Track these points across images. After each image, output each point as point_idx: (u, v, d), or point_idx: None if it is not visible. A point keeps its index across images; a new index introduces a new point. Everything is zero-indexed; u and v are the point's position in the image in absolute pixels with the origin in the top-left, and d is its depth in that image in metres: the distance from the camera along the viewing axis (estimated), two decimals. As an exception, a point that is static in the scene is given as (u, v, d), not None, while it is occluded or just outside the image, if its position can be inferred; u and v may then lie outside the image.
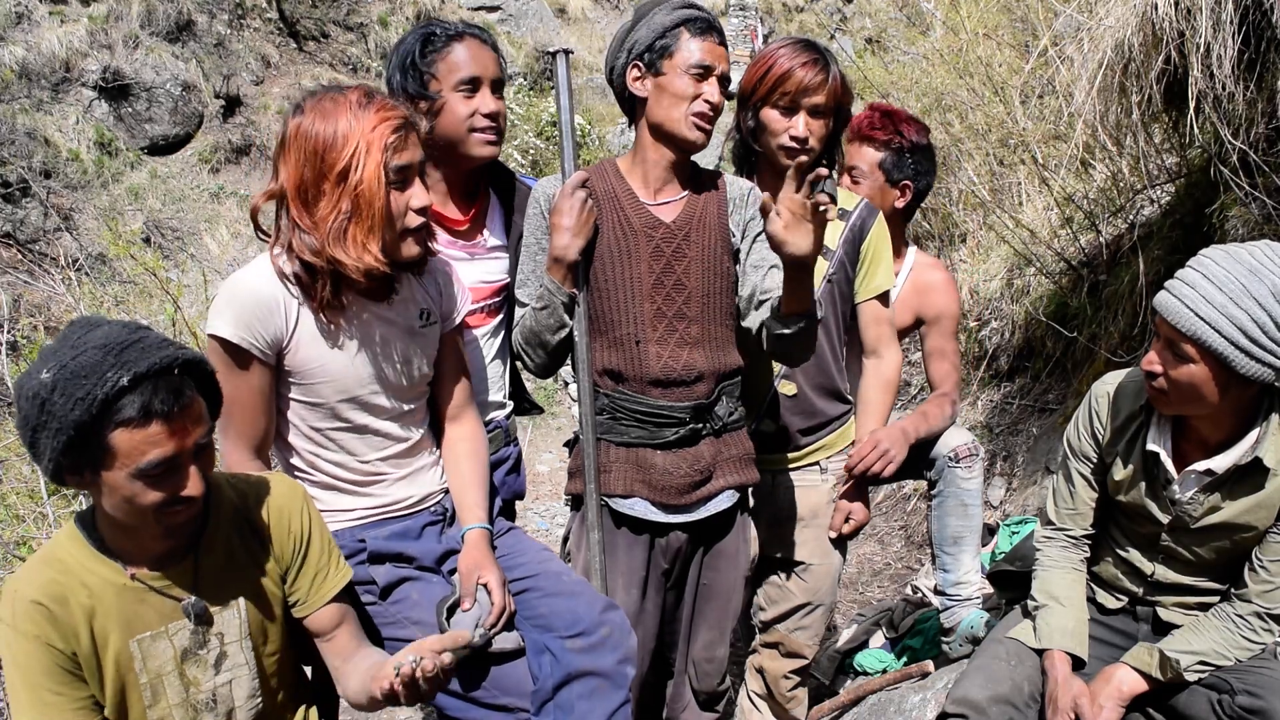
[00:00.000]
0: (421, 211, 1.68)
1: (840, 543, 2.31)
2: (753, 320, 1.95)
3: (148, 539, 1.42)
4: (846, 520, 2.25)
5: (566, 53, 1.99)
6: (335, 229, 1.61)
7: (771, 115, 2.05)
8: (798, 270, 1.70)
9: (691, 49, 1.86)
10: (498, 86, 1.97)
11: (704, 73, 1.86)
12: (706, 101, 1.86)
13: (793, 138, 2.04)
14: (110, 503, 1.34)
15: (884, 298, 2.25)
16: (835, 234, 2.17)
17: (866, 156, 2.42)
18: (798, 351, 1.88)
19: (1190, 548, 1.81)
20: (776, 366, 2.20)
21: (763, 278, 1.94)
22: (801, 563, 2.28)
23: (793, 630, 2.33)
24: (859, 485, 2.25)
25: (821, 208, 1.57)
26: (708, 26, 1.88)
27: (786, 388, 2.21)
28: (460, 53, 1.91)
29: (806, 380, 2.20)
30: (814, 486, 2.27)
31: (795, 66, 2.01)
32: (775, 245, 1.64)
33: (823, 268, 2.16)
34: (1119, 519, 1.92)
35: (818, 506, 2.26)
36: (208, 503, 1.52)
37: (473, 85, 1.92)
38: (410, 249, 1.69)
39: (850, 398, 2.31)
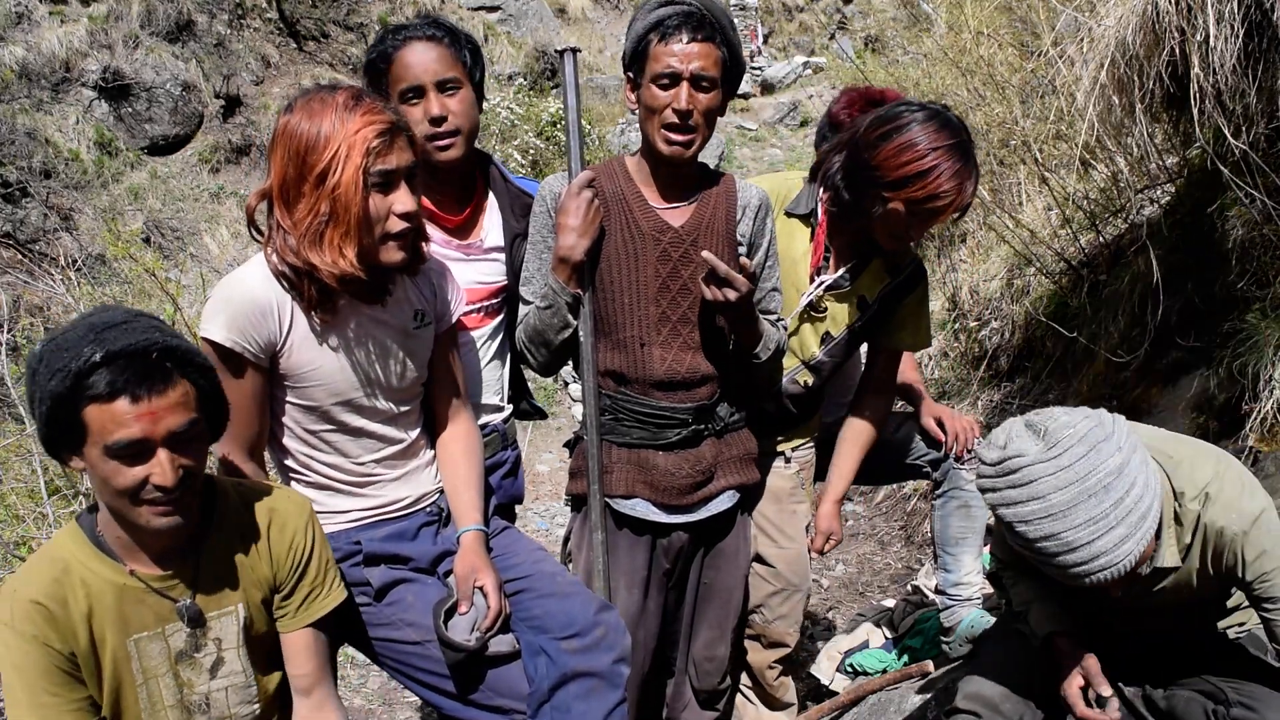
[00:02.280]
0: (406, 216, 1.62)
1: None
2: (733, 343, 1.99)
3: (144, 534, 1.41)
4: (826, 540, 2.32)
5: (574, 51, 1.96)
6: (312, 232, 1.58)
7: (898, 215, 1.95)
8: (730, 320, 1.88)
9: (656, 57, 1.78)
10: (446, 85, 1.89)
11: (670, 80, 1.78)
12: (674, 111, 1.78)
13: (906, 239, 2.05)
14: (95, 485, 1.36)
15: (898, 354, 2.31)
16: (878, 289, 2.17)
17: None
18: (762, 372, 2.04)
19: (1149, 618, 1.77)
20: (789, 361, 2.20)
21: (759, 300, 1.96)
22: (772, 541, 2.31)
23: (772, 620, 2.35)
24: (837, 505, 2.34)
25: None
26: (678, 25, 1.76)
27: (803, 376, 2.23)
28: (400, 62, 1.87)
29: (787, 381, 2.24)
30: (778, 472, 2.31)
31: (953, 191, 1.88)
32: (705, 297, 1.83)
33: (852, 317, 2.18)
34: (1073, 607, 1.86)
35: (781, 491, 2.30)
36: (211, 504, 1.52)
37: (416, 93, 1.88)
38: (392, 254, 1.64)
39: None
